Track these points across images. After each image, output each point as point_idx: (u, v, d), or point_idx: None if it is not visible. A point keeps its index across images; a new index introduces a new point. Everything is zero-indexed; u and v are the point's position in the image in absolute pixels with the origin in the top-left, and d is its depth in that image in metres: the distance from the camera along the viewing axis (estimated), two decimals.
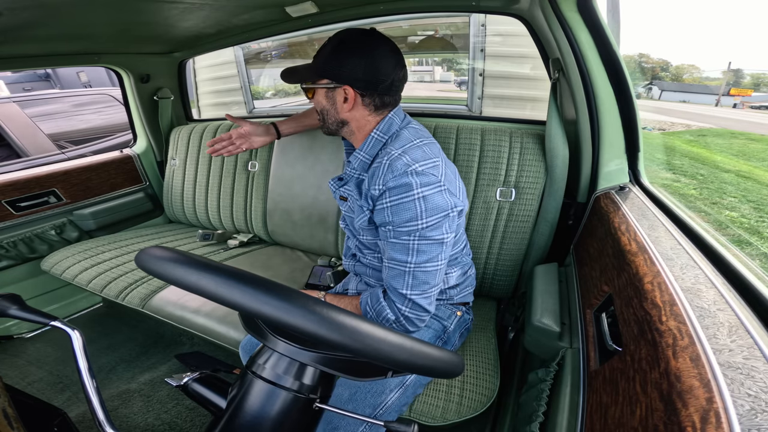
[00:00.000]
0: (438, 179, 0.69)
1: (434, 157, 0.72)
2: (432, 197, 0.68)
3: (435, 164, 0.71)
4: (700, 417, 0.32)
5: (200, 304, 1.17)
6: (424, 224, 0.68)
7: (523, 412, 0.71)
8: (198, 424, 1.17)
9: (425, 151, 0.72)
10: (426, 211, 0.68)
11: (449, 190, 0.71)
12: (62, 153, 2.96)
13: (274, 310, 0.33)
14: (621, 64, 0.85)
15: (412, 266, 0.71)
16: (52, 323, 0.48)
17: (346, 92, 0.74)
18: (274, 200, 1.54)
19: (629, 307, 0.53)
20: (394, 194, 0.69)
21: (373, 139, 0.77)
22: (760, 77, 27.70)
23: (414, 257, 0.70)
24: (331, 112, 0.78)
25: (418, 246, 0.70)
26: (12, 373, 1.36)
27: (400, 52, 0.75)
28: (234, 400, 0.45)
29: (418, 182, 0.67)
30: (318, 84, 0.76)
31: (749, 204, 3.19)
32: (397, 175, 0.68)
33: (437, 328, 0.89)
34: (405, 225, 0.69)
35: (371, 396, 0.76)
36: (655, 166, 4.12)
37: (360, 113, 0.77)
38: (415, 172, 0.68)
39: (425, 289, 0.73)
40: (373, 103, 0.75)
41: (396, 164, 0.69)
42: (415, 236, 0.69)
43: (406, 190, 0.67)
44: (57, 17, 0.95)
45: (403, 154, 0.71)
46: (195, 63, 3.35)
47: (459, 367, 0.41)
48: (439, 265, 0.73)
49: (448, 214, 0.70)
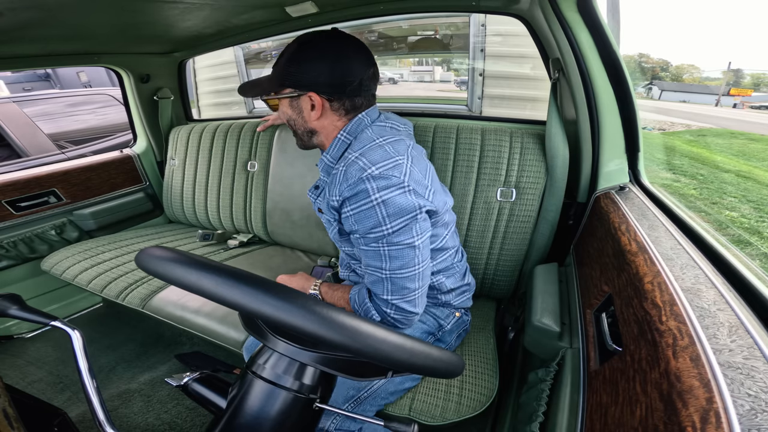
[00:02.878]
0: (400, 180, 0.64)
1: (397, 156, 0.66)
2: (393, 200, 0.63)
3: (396, 164, 0.65)
4: (700, 417, 0.32)
5: (200, 304, 1.17)
6: (389, 230, 0.64)
7: (523, 412, 0.71)
8: (198, 424, 1.17)
9: (387, 150, 0.67)
10: (389, 217, 0.64)
11: (415, 190, 0.65)
12: (62, 153, 2.96)
13: (274, 310, 0.33)
14: (621, 64, 0.85)
15: (388, 272, 0.68)
16: (52, 323, 0.48)
17: (312, 99, 0.69)
18: (273, 200, 1.54)
19: (629, 307, 0.53)
20: (353, 203, 0.65)
21: (339, 140, 0.73)
22: (760, 77, 27.68)
23: (388, 263, 0.67)
24: (299, 121, 0.75)
25: (389, 252, 0.66)
26: (12, 373, 1.36)
27: (367, 50, 0.71)
28: (234, 400, 0.45)
29: (374, 187, 0.63)
30: (281, 94, 0.72)
31: (749, 204, 3.19)
32: (352, 183, 0.64)
33: (431, 325, 0.88)
34: (371, 232, 0.65)
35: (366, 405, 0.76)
36: (655, 166, 4.12)
37: (329, 120, 0.73)
38: (371, 177, 0.63)
39: (405, 294, 0.70)
40: (343, 107, 0.71)
41: (350, 170, 0.65)
42: (383, 242, 0.66)
43: (364, 197, 0.63)
44: (57, 17, 0.95)
45: (360, 157, 0.66)
46: (195, 63, 3.35)
47: (459, 367, 0.41)
48: (417, 270, 0.69)
49: (415, 216, 0.65)
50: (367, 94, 0.73)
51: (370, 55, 0.71)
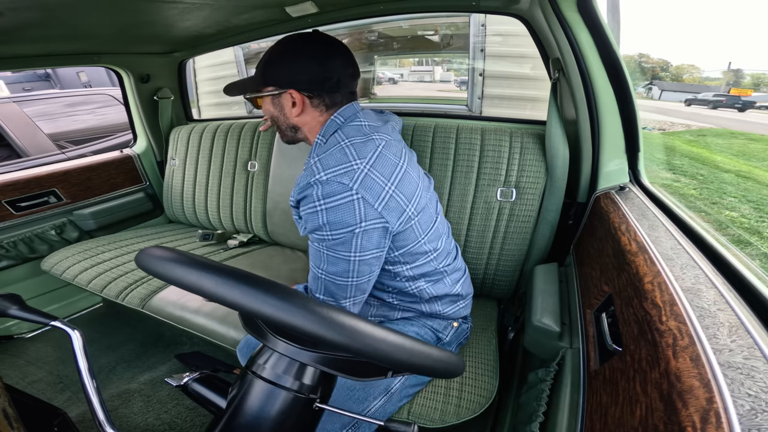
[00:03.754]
0: (346, 187, 0.62)
1: (354, 160, 0.65)
2: (335, 210, 0.62)
3: (348, 169, 0.63)
4: (700, 417, 0.32)
5: (200, 304, 1.17)
6: (330, 237, 0.65)
7: (523, 412, 0.71)
8: (198, 424, 1.17)
9: (346, 153, 0.66)
10: (329, 224, 0.63)
11: (363, 198, 0.63)
12: (62, 153, 2.96)
13: (274, 310, 0.33)
14: (621, 64, 0.85)
15: (323, 274, 0.69)
16: (52, 323, 0.48)
17: (293, 96, 0.72)
18: (273, 200, 1.54)
19: (629, 307, 0.53)
20: (303, 205, 0.66)
21: (317, 144, 0.75)
22: (760, 77, 27.71)
23: (325, 265, 0.68)
24: (281, 118, 0.77)
25: (327, 256, 0.67)
26: (12, 373, 1.36)
27: (347, 51, 0.74)
28: (234, 400, 0.45)
29: (319, 194, 0.62)
30: (263, 92, 0.75)
31: (749, 204, 3.19)
32: (302, 186, 0.65)
33: (430, 338, 0.86)
34: (315, 233, 0.66)
35: (353, 402, 0.74)
36: (655, 166, 4.12)
37: (310, 116, 0.75)
38: (319, 182, 0.63)
39: (336, 298, 0.71)
40: (323, 103, 0.74)
41: (305, 174, 0.67)
42: (323, 246, 0.66)
43: (310, 202, 0.64)
44: (57, 17, 0.95)
45: (317, 162, 0.66)
46: (195, 63, 3.36)
47: (459, 367, 0.41)
48: (350, 282, 0.69)
49: (353, 231, 0.63)
50: (345, 91, 0.75)
51: (350, 55, 0.75)
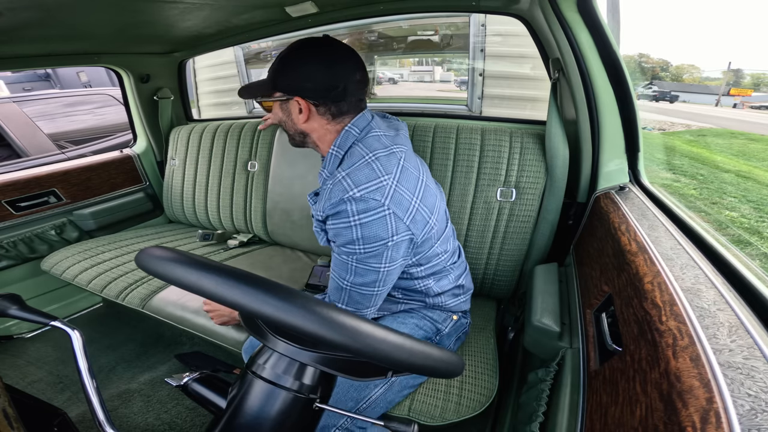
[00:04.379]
0: (379, 203, 0.65)
1: (382, 176, 0.67)
2: (370, 225, 0.65)
3: (379, 185, 0.66)
4: (700, 417, 0.32)
5: (200, 304, 1.17)
6: (362, 251, 0.67)
7: (523, 412, 0.71)
8: (198, 424, 1.17)
9: (374, 169, 0.67)
10: (363, 239, 0.66)
11: (395, 213, 0.66)
12: (62, 153, 2.96)
13: (274, 310, 0.33)
14: (621, 64, 0.85)
15: (349, 285, 0.72)
16: (52, 323, 0.48)
17: (299, 103, 0.72)
18: (273, 200, 1.54)
19: (629, 307, 0.53)
20: (334, 220, 0.67)
21: (332, 155, 0.75)
22: (760, 77, 27.69)
23: (352, 277, 0.71)
24: (288, 123, 0.77)
25: (356, 268, 0.69)
26: (12, 373, 1.36)
27: (356, 56, 0.72)
28: (234, 400, 0.45)
29: (354, 210, 0.64)
30: (272, 97, 0.75)
31: (749, 204, 3.18)
32: (335, 202, 0.66)
33: (429, 330, 0.88)
34: (345, 246, 0.68)
35: (354, 390, 0.76)
36: (655, 166, 4.11)
37: (318, 123, 0.75)
38: (352, 199, 0.64)
39: (359, 308, 0.75)
40: (329, 111, 0.73)
41: (335, 189, 0.67)
42: (353, 258, 0.69)
43: (344, 217, 0.65)
44: (57, 17, 0.95)
45: (346, 177, 0.67)
46: (195, 63, 3.35)
47: (459, 367, 0.41)
48: (376, 291, 0.73)
49: (386, 244, 0.67)
50: (352, 98, 0.73)
51: (359, 60, 0.73)
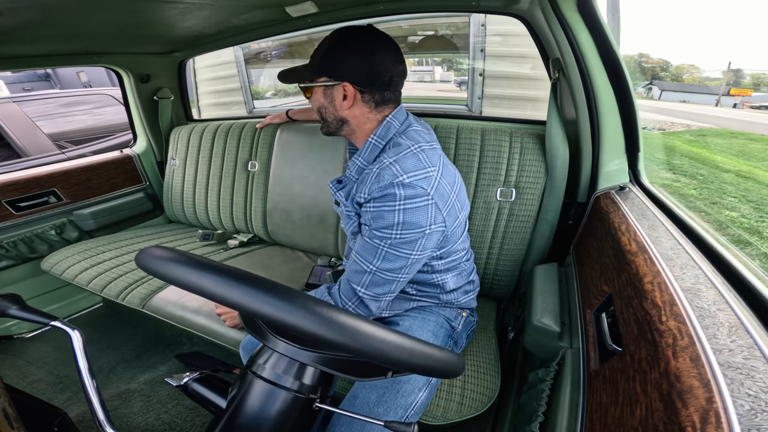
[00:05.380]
0: (426, 192, 0.67)
1: (429, 167, 0.70)
2: (413, 212, 0.66)
3: (426, 175, 0.68)
4: (700, 417, 0.32)
5: (200, 304, 1.17)
6: (398, 236, 0.68)
7: (523, 412, 0.71)
8: (198, 424, 1.17)
9: (420, 159, 0.70)
10: (403, 224, 0.67)
11: (436, 204, 0.68)
12: (62, 153, 2.96)
13: (274, 310, 0.33)
14: (621, 64, 0.85)
15: (374, 269, 0.71)
16: (52, 323, 0.48)
17: (345, 89, 0.73)
18: (273, 200, 1.54)
19: (629, 307, 0.53)
20: (378, 203, 0.68)
21: (371, 144, 0.76)
22: (760, 77, 27.66)
23: (379, 262, 0.71)
24: (330, 110, 0.77)
25: (386, 253, 0.70)
26: (12, 373, 1.36)
27: (398, 48, 0.74)
28: (234, 400, 0.45)
29: (402, 194, 0.66)
30: (316, 82, 0.75)
31: (749, 204, 3.19)
32: (383, 186, 0.67)
33: (448, 329, 0.88)
34: (381, 230, 0.69)
35: (401, 396, 0.74)
36: (655, 166, 4.11)
37: (360, 110, 0.76)
38: (402, 184, 0.66)
39: (378, 293, 0.74)
40: (373, 99, 0.74)
41: (384, 174, 0.68)
42: (386, 243, 0.69)
43: (390, 200, 0.66)
44: (57, 17, 0.95)
45: (394, 163, 0.69)
46: (195, 63, 3.35)
47: (459, 367, 0.41)
48: (400, 278, 0.73)
49: (424, 232, 0.68)
50: (395, 89, 0.76)
51: (400, 52, 0.75)
